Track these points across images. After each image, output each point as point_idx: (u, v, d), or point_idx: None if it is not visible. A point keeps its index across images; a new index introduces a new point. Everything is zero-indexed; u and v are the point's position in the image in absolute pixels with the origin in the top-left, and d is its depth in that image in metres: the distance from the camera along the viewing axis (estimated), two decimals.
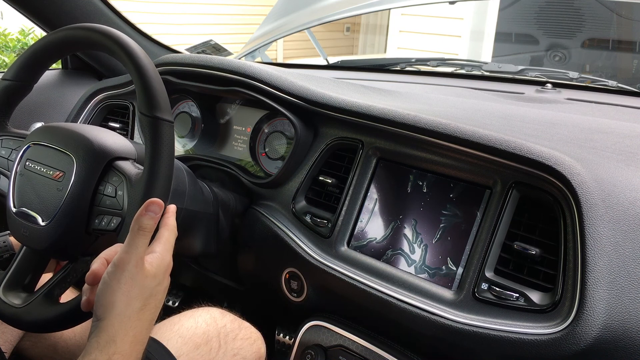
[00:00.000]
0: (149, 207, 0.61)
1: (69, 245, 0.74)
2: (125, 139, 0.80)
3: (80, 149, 0.74)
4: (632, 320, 0.63)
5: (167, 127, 0.69)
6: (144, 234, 0.59)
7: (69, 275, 0.75)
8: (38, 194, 0.75)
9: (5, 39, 4.34)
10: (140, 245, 0.58)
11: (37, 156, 0.77)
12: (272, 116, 1.02)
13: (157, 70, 0.71)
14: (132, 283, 0.56)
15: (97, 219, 0.73)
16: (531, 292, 0.70)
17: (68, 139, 0.75)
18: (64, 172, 0.74)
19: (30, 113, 1.23)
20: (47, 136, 0.77)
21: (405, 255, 0.82)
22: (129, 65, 0.70)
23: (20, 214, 0.75)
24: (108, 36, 0.72)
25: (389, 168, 0.86)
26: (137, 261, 0.57)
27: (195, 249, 0.93)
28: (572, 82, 1.34)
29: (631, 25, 3.16)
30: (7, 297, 0.74)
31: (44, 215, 0.74)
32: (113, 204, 0.72)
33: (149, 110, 0.68)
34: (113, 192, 0.72)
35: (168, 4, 5.45)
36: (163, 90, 0.70)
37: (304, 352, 0.88)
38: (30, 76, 0.82)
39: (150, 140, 0.68)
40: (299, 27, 1.71)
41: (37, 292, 0.73)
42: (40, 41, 0.79)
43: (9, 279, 0.76)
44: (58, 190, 0.73)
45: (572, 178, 0.67)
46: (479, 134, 0.75)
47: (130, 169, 0.73)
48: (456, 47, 4.41)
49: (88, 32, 0.74)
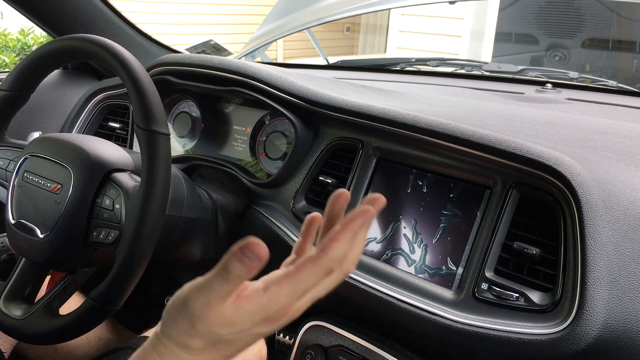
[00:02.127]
0: (245, 249, 0.40)
1: (68, 257, 0.74)
2: (122, 150, 0.80)
3: (78, 161, 0.74)
4: (632, 320, 0.63)
5: (163, 140, 0.69)
6: (226, 279, 0.41)
7: (68, 286, 0.76)
8: (36, 206, 0.75)
9: (5, 38, 4.34)
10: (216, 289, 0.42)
11: (35, 168, 0.77)
12: (272, 116, 1.02)
13: (152, 82, 0.72)
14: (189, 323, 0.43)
15: (95, 231, 0.73)
16: (531, 292, 0.70)
17: (65, 150, 0.76)
18: (62, 185, 0.74)
19: (30, 113, 1.22)
20: (44, 148, 0.78)
21: (405, 255, 0.82)
22: (124, 78, 0.71)
23: (19, 226, 0.76)
24: (104, 48, 0.72)
25: (389, 168, 0.86)
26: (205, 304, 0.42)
27: (194, 255, 0.93)
28: (572, 82, 1.34)
29: (631, 25, 3.16)
30: (8, 309, 0.74)
31: (43, 227, 0.74)
32: (111, 217, 0.72)
33: (145, 124, 0.69)
34: (111, 205, 0.73)
35: (168, 4, 5.45)
36: (159, 102, 0.71)
37: (304, 352, 0.88)
38: (26, 86, 0.83)
39: (147, 153, 0.69)
40: (299, 27, 1.71)
41: (37, 304, 0.73)
42: (36, 51, 0.80)
43: (9, 290, 0.76)
44: (56, 203, 0.73)
45: (572, 178, 0.67)
46: (479, 134, 0.75)
47: (128, 182, 0.74)
48: (456, 47, 4.41)
49: (84, 43, 0.75)
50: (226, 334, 0.43)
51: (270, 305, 0.42)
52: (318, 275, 0.42)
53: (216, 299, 0.42)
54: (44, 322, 0.71)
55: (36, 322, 0.72)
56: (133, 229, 0.67)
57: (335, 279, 0.44)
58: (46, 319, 0.72)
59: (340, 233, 0.41)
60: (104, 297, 0.69)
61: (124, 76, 0.70)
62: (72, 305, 0.73)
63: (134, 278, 0.69)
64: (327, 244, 0.41)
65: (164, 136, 0.69)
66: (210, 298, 0.42)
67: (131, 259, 0.68)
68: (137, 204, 0.68)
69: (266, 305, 0.42)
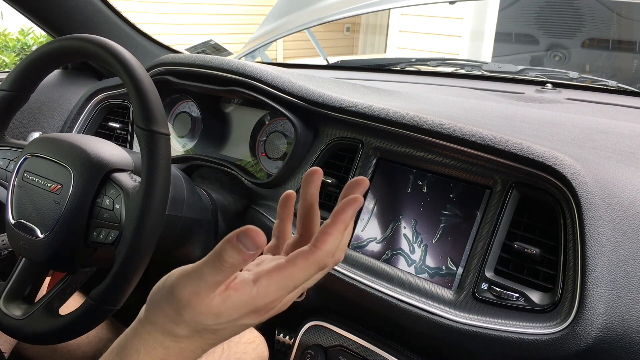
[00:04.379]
0: (241, 237, 0.39)
1: (68, 257, 0.74)
2: (121, 149, 0.80)
3: (77, 161, 0.74)
4: (632, 320, 0.63)
5: (163, 140, 0.69)
6: (219, 267, 0.40)
7: (68, 286, 0.76)
8: (36, 206, 0.75)
9: (5, 38, 4.34)
10: (206, 278, 0.41)
11: (35, 168, 0.77)
12: (272, 116, 1.02)
13: (152, 82, 0.72)
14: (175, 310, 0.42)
15: (95, 231, 0.73)
16: (531, 292, 0.70)
17: (65, 150, 0.76)
18: (62, 185, 0.74)
19: (30, 113, 1.22)
20: (44, 148, 0.78)
21: (405, 255, 0.82)
22: (124, 78, 0.70)
23: (19, 226, 0.76)
24: (104, 48, 0.72)
25: (389, 168, 0.86)
26: (194, 293, 0.41)
27: (194, 256, 0.93)
28: (572, 82, 1.34)
29: (631, 25, 3.16)
30: (8, 309, 0.74)
31: (43, 227, 0.74)
32: (111, 217, 0.72)
33: (145, 124, 0.69)
34: (111, 205, 0.73)
35: (168, 4, 5.45)
36: (159, 102, 0.71)
37: (304, 352, 0.88)
38: (26, 86, 0.83)
39: (147, 153, 0.69)
40: (299, 27, 1.71)
41: (37, 304, 0.73)
42: (36, 51, 0.80)
43: (9, 290, 0.76)
44: (56, 203, 0.73)
45: (572, 178, 0.67)
46: (479, 134, 0.75)
47: (128, 182, 0.74)
48: (456, 47, 4.42)
49: (84, 43, 0.75)
50: (212, 324, 0.42)
51: (259, 298, 0.41)
52: (311, 271, 0.41)
53: (206, 288, 0.41)
54: (44, 322, 0.71)
55: (36, 322, 0.72)
56: (133, 229, 0.67)
57: (325, 271, 0.44)
58: (46, 319, 0.72)
59: (333, 227, 0.41)
60: (103, 298, 0.69)
61: (124, 76, 0.70)
62: (72, 305, 0.73)
63: (134, 278, 0.69)
64: (321, 239, 0.41)
65: (164, 136, 0.69)
66: (199, 287, 0.41)
67: (131, 259, 0.68)
68: (137, 204, 0.68)
69: (255, 297, 0.41)
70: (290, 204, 0.51)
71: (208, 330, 0.42)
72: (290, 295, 0.44)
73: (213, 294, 0.41)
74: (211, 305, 0.41)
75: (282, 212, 0.51)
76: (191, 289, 0.41)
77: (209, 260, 0.40)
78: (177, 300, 0.41)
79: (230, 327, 0.43)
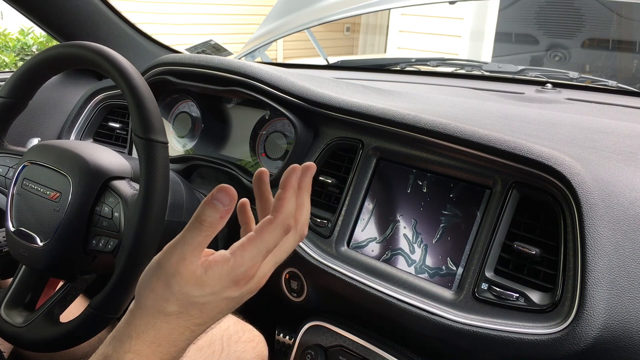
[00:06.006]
0: (217, 194, 0.45)
1: (68, 265, 0.74)
2: (120, 156, 0.80)
3: (76, 169, 0.74)
4: (632, 320, 0.63)
5: (161, 149, 0.69)
6: (199, 228, 0.45)
7: (68, 294, 0.76)
8: (35, 214, 0.75)
9: (5, 38, 4.34)
10: (189, 241, 0.45)
11: (34, 176, 0.77)
12: (272, 116, 1.02)
13: (150, 90, 0.72)
14: (164, 283, 0.45)
15: (95, 239, 0.73)
16: (531, 292, 0.70)
17: (63, 158, 0.76)
18: (61, 193, 0.74)
19: (30, 114, 1.22)
20: (43, 155, 0.78)
21: (405, 255, 0.82)
22: (122, 86, 0.71)
23: (19, 234, 0.76)
24: (102, 55, 0.73)
25: (389, 168, 0.86)
26: (180, 259, 0.45)
27: None
28: (572, 82, 1.34)
29: (631, 25, 3.16)
30: (9, 316, 0.74)
31: (42, 235, 0.74)
32: (110, 226, 0.72)
33: (143, 133, 0.69)
34: (110, 213, 0.73)
35: (168, 4, 5.45)
36: (157, 111, 0.71)
37: (304, 352, 0.88)
38: (24, 93, 0.83)
39: (145, 162, 0.68)
40: (299, 27, 1.71)
41: (38, 312, 0.74)
42: (34, 58, 0.80)
43: (9, 297, 0.77)
44: (55, 211, 0.73)
45: (572, 178, 0.67)
46: (479, 134, 0.75)
47: (126, 190, 0.74)
48: (456, 47, 4.42)
49: (82, 50, 0.75)
50: (198, 296, 0.46)
51: (237, 266, 0.46)
52: (277, 233, 0.48)
53: (190, 252, 0.45)
54: (44, 330, 0.71)
55: (37, 329, 0.72)
56: (132, 240, 0.67)
57: (292, 241, 0.50)
58: (47, 326, 0.72)
59: (284, 193, 0.49)
60: (103, 307, 0.69)
61: (122, 84, 0.70)
62: (74, 310, 0.73)
63: (133, 287, 0.69)
64: (278, 204, 0.49)
65: (162, 145, 0.69)
66: (184, 252, 0.45)
67: (130, 269, 0.68)
68: (136, 213, 0.68)
69: (233, 266, 0.46)
70: (265, 183, 0.56)
71: (194, 305, 0.46)
72: (266, 268, 0.49)
73: (197, 261, 0.45)
74: (196, 274, 0.45)
75: (259, 192, 0.57)
76: (177, 256, 0.45)
77: (189, 225, 0.46)
78: (165, 271, 0.45)
79: (215, 301, 0.47)
